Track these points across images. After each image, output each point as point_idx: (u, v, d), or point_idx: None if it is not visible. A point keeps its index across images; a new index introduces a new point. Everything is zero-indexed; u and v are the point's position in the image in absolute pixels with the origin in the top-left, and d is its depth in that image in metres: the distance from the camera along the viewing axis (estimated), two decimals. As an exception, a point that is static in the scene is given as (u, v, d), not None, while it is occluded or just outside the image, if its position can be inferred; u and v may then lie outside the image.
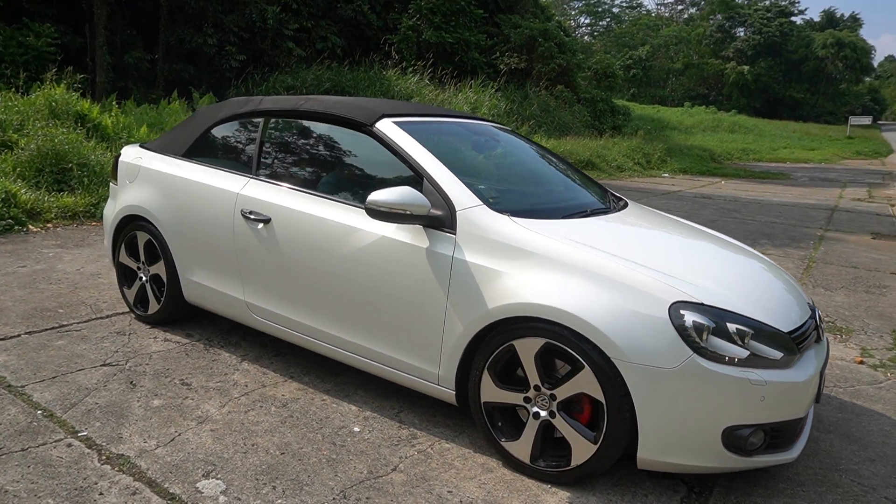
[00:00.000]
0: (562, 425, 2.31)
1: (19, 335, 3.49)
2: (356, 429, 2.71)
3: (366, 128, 2.93)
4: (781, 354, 2.21)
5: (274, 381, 3.11)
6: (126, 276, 3.86)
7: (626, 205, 3.26)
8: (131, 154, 3.89)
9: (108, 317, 3.86)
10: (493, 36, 24.00)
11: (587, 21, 67.87)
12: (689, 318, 2.15)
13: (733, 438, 2.15)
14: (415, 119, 3.06)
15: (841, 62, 54.58)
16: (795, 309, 2.49)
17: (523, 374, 2.37)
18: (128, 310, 3.95)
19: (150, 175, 3.66)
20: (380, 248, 2.66)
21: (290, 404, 2.89)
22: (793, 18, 56.63)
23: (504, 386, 2.42)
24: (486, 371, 2.43)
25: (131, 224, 3.74)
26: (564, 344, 2.24)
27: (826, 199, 13.22)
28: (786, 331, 2.28)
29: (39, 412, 2.67)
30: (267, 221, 3.03)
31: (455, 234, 2.52)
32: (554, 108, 21.89)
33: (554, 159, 3.64)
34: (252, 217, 3.08)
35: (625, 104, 32.00)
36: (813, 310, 2.66)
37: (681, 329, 2.13)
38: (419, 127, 2.97)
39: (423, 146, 2.76)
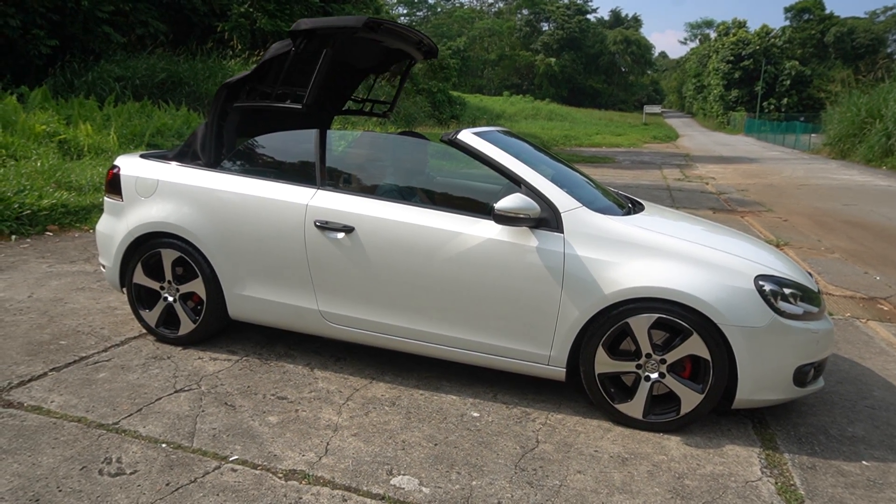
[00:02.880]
0: (672, 383, 2.82)
1: (46, 373, 3.17)
2: (475, 414, 2.98)
3: (360, 29, 3.20)
4: (817, 308, 2.94)
5: (362, 385, 3.23)
6: (143, 298, 3.62)
7: (638, 202, 3.84)
8: (139, 167, 3.63)
9: (123, 343, 3.60)
10: (330, 26, 23.78)
11: (404, 12, 69.31)
12: (767, 286, 2.78)
13: (799, 375, 2.83)
14: (484, 129, 3.35)
15: (629, 56, 62.30)
16: (806, 274, 3.26)
17: (634, 345, 2.84)
18: (139, 333, 3.71)
19: (176, 189, 3.48)
20: (487, 250, 2.94)
21: (398, 402, 3.06)
22: (588, 16, 63.36)
23: (616, 357, 2.87)
24: (600, 347, 2.86)
25: (150, 242, 3.53)
26: (675, 317, 2.74)
27: (656, 180, 15.37)
28: (815, 290, 3.01)
29: (164, 445, 2.56)
30: (349, 231, 3.13)
31: (562, 232, 2.90)
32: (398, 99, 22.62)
33: (558, 158, 4.11)
34: (329, 227, 3.15)
35: (459, 95, 33.55)
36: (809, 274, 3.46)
37: (763, 295, 2.75)
38: (490, 136, 3.26)
39: (511, 154, 3.08)
